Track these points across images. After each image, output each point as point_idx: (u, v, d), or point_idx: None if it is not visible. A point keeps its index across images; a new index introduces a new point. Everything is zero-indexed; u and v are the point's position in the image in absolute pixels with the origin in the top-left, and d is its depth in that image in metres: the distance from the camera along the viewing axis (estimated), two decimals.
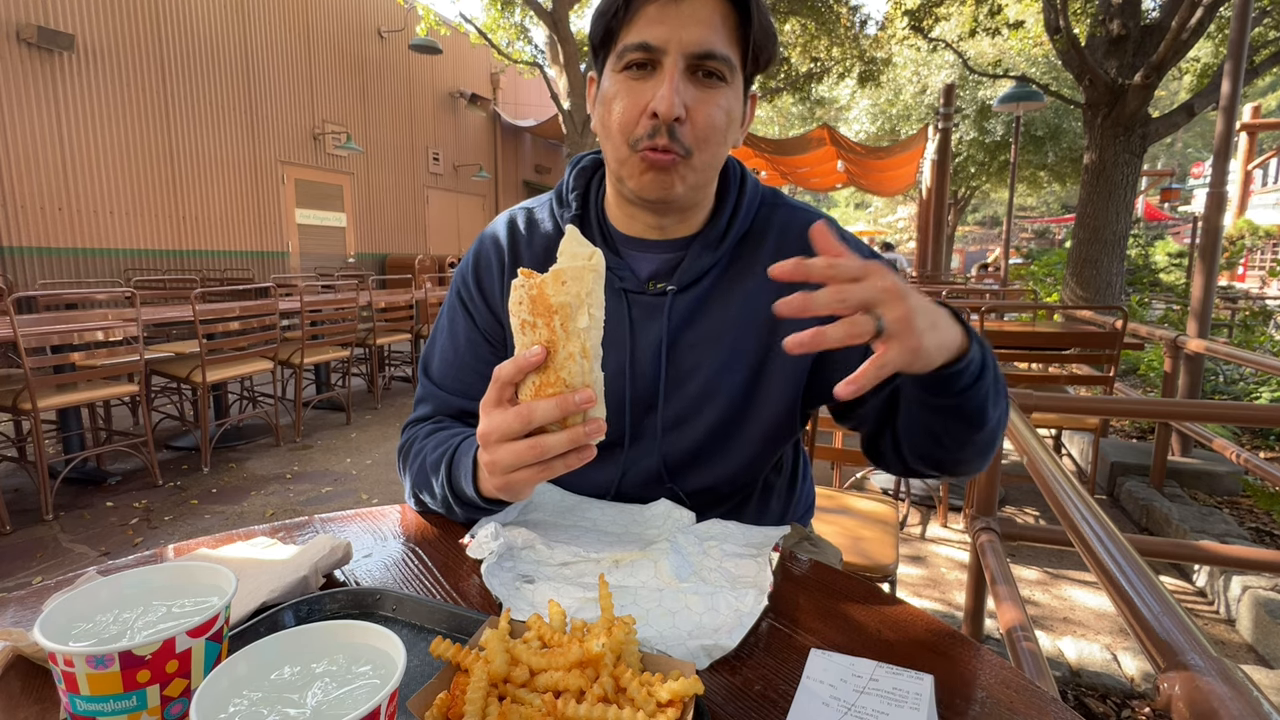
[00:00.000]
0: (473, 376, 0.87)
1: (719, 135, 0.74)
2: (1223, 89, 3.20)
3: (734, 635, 0.56)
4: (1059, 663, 1.90)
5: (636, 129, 0.72)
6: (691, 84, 0.71)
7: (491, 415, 0.57)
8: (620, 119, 0.73)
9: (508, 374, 0.55)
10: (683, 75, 0.71)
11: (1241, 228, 12.42)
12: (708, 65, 0.71)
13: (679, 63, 0.70)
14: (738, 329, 0.82)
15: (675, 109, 0.69)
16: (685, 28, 0.69)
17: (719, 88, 0.72)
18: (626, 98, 0.73)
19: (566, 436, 0.54)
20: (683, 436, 0.82)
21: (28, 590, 0.65)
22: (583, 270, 0.52)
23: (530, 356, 0.53)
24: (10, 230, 6.41)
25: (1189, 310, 3.48)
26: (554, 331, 0.53)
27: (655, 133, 0.71)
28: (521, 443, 0.55)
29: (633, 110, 0.72)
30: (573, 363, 0.53)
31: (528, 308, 0.53)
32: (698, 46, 0.70)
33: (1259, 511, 2.88)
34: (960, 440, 0.71)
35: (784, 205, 0.87)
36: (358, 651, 0.41)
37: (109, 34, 7.14)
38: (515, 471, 0.57)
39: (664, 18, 0.70)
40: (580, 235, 0.54)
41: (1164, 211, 20.60)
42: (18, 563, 2.54)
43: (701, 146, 0.73)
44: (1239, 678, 0.54)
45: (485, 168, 13.50)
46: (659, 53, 0.70)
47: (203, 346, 3.40)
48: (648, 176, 0.74)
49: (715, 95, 0.72)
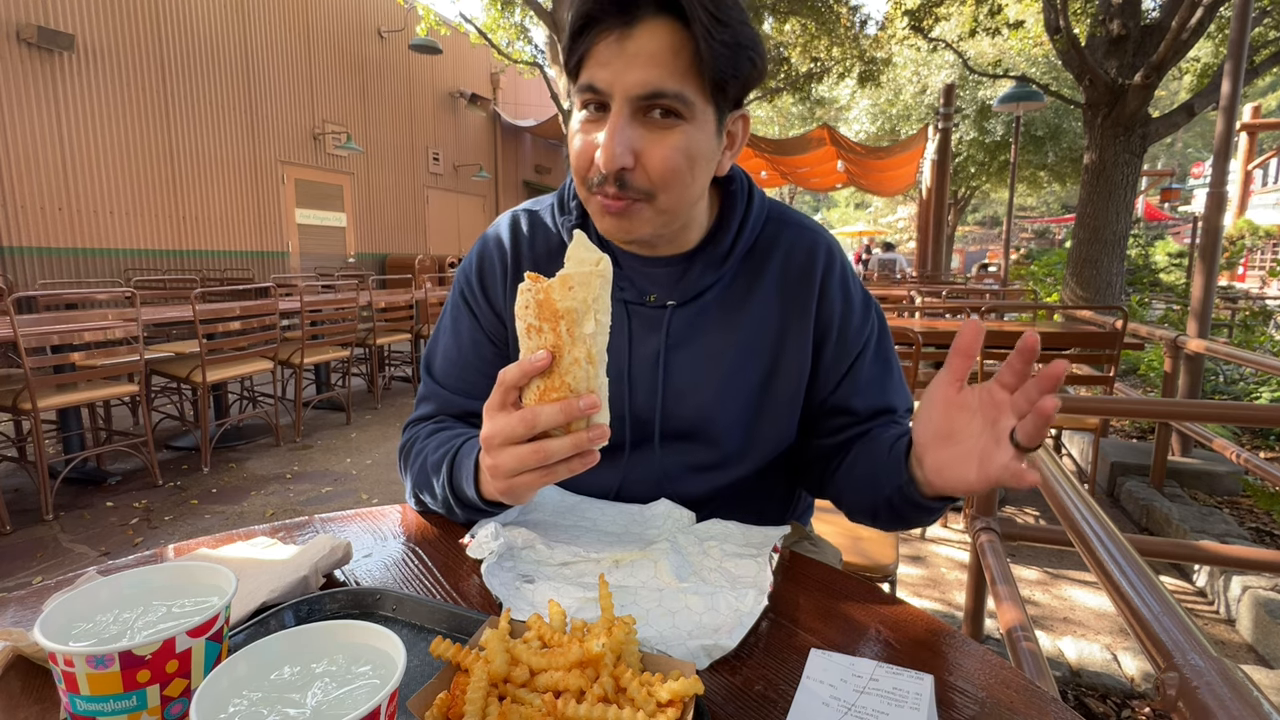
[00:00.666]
0: (475, 376, 0.87)
1: (680, 176, 0.69)
2: (1223, 89, 3.20)
3: (734, 635, 0.56)
4: (1059, 663, 1.90)
5: (589, 174, 0.71)
6: (642, 126, 0.68)
7: (495, 419, 0.57)
8: (575, 163, 0.72)
9: (512, 378, 0.55)
10: (629, 120, 0.67)
11: (1241, 228, 12.42)
12: (660, 104, 0.66)
13: (624, 108, 0.67)
14: (740, 347, 0.81)
15: (616, 160, 0.66)
16: (630, 69, 0.65)
17: (675, 127, 0.68)
18: (581, 139, 0.70)
19: (570, 441, 0.54)
20: (683, 450, 0.82)
21: (28, 590, 0.65)
22: (590, 276, 0.52)
23: (536, 361, 0.53)
24: (10, 230, 6.41)
25: (1189, 310, 3.48)
26: (560, 336, 0.53)
27: (604, 180, 0.69)
28: (525, 447, 0.55)
29: (583, 155, 0.70)
30: (578, 368, 0.53)
31: (534, 312, 0.53)
32: (642, 88, 0.65)
33: (1259, 511, 2.88)
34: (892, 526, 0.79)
35: (790, 224, 0.85)
36: (358, 651, 0.41)
37: (109, 34, 7.14)
38: (518, 476, 0.57)
39: (609, 58, 0.66)
40: (588, 241, 0.53)
41: (1164, 211, 20.60)
42: (18, 563, 2.54)
43: (663, 189, 0.69)
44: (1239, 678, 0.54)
45: (485, 168, 13.51)
46: (605, 96, 0.67)
47: (203, 346, 3.40)
48: (607, 220, 0.73)
49: (669, 136, 0.68)
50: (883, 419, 0.83)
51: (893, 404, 0.84)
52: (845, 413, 0.83)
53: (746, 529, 0.76)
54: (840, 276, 0.84)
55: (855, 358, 0.83)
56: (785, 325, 0.82)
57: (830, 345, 0.83)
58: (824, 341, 0.83)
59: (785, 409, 0.83)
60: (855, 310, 0.84)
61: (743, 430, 0.83)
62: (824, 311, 0.83)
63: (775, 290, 0.82)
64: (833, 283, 0.83)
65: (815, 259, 0.83)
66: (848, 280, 0.84)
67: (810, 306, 0.82)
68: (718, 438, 0.82)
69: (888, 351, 0.86)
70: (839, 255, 0.86)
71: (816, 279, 0.82)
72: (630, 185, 0.69)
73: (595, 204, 0.73)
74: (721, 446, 0.82)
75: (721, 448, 0.83)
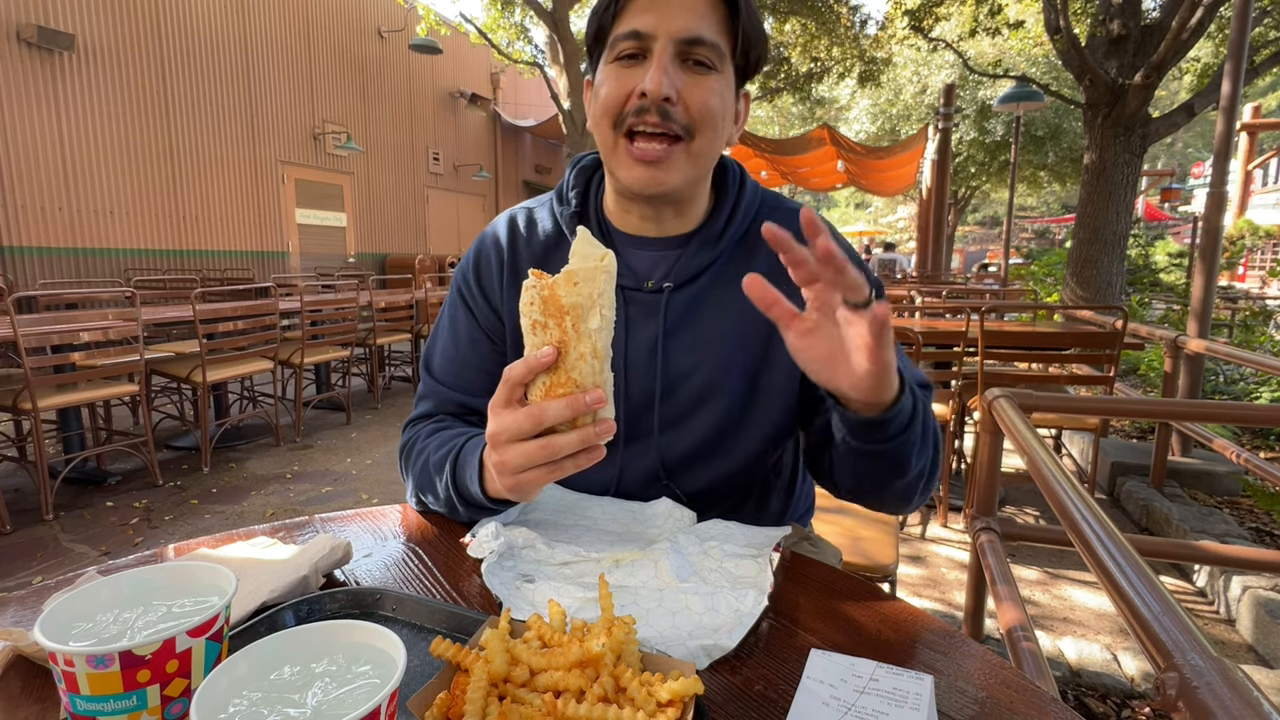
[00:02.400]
0: (474, 373, 0.88)
1: (714, 120, 0.74)
2: (1223, 89, 3.20)
3: (734, 635, 0.56)
4: (1059, 663, 1.90)
5: (625, 107, 0.73)
6: (682, 70, 0.72)
7: (501, 415, 0.57)
8: (606, 100, 0.74)
9: (518, 374, 0.55)
10: (672, 60, 0.72)
11: (1241, 228, 12.42)
12: (697, 53, 0.72)
13: (668, 48, 0.71)
14: (737, 331, 0.82)
15: (664, 88, 0.70)
16: (674, 15, 0.71)
17: (709, 74, 0.73)
18: (615, 82, 0.74)
19: (577, 436, 0.55)
20: (680, 437, 0.82)
21: (28, 590, 0.65)
22: (595, 271, 0.52)
23: (542, 357, 0.53)
24: (10, 230, 6.41)
25: (1189, 310, 3.47)
26: (565, 332, 0.53)
27: (644, 110, 0.72)
28: (532, 443, 0.55)
29: (620, 92, 0.73)
30: (584, 363, 0.53)
31: (539, 308, 0.54)
32: (686, 32, 0.71)
33: (1259, 511, 2.88)
34: (880, 484, 0.74)
35: (784, 209, 0.87)
36: (358, 651, 0.41)
37: (109, 34, 7.14)
38: (525, 472, 0.57)
39: (653, 6, 0.71)
40: (591, 237, 0.54)
41: (1164, 211, 20.60)
42: (18, 563, 2.54)
43: (700, 129, 0.73)
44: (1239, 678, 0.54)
45: (485, 168, 13.51)
46: (648, 39, 0.72)
47: (203, 346, 3.40)
48: (639, 170, 0.74)
49: (707, 80, 0.73)
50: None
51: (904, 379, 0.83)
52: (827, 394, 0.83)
53: (747, 529, 0.76)
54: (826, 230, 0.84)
55: None
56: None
57: None
58: None
59: (780, 394, 0.83)
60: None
61: (739, 416, 0.83)
62: None
63: (769, 273, 0.82)
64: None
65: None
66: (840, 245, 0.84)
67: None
68: (715, 424, 0.82)
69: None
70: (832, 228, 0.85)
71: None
72: (672, 117, 0.72)
73: (624, 155, 0.75)
74: (719, 433, 0.82)
75: (719, 434, 0.82)
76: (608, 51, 0.75)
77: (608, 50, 0.75)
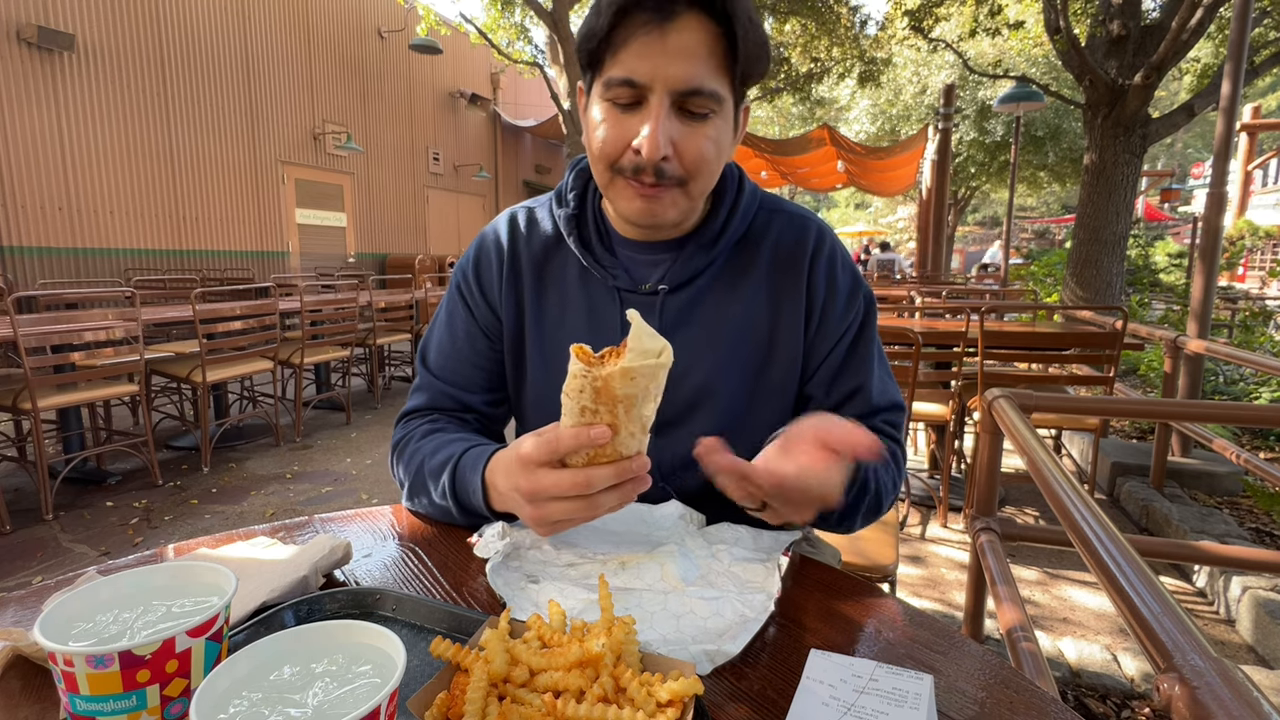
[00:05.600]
0: (469, 369, 0.89)
1: (709, 166, 0.73)
2: (1223, 89, 3.20)
3: (738, 641, 0.56)
4: (1059, 663, 1.90)
5: (621, 160, 0.72)
6: (678, 119, 0.70)
7: (541, 476, 0.58)
8: (602, 148, 0.72)
9: (567, 447, 0.55)
10: (669, 112, 0.69)
11: (1241, 228, 12.41)
12: (694, 104, 0.69)
13: (664, 100, 0.68)
14: (734, 334, 0.82)
15: (660, 150, 0.68)
16: (671, 63, 0.67)
17: (708, 120, 0.71)
18: (612, 128, 0.71)
19: (617, 497, 0.57)
20: (676, 440, 0.82)
21: (28, 590, 0.65)
22: (655, 369, 0.51)
23: (595, 438, 0.54)
24: (10, 230, 6.41)
25: (1189, 311, 3.48)
26: (616, 416, 0.53)
27: (640, 169, 0.70)
28: (576, 502, 0.57)
29: (617, 142, 0.71)
30: (632, 439, 0.55)
31: (590, 397, 0.53)
32: (684, 84, 0.67)
33: (1259, 511, 2.88)
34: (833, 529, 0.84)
35: (783, 212, 0.86)
36: (358, 651, 0.41)
37: (109, 34, 7.14)
38: (561, 521, 0.59)
39: (649, 52, 0.67)
40: (648, 326, 0.51)
41: (1164, 212, 20.59)
42: (18, 563, 2.54)
43: (694, 177, 0.73)
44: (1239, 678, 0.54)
45: (485, 168, 13.51)
46: (644, 89, 0.68)
47: (203, 346, 3.40)
48: (637, 203, 0.74)
49: (703, 129, 0.71)
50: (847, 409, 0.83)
51: (870, 399, 0.84)
52: (815, 401, 0.84)
53: (757, 533, 0.75)
54: (828, 261, 0.84)
55: (834, 345, 0.84)
56: (778, 310, 0.83)
57: (814, 329, 0.84)
58: (809, 324, 0.84)
59: (778, 395, 0.84)
60: (840, 296, 0.84)
61: (736, 418, 0.83)
62: (811, 294, 0.83)
63: (766, 276, 0.83)
64: (819, 266, 0.83)
65: (804, 243, 0.84)
66: (835, 265, 0.84)
67: (801, 289, 0.83)
68: (711, 426, 0.82)
69: (869, 345, 0.86)
70: (829, 240, 0.85)
71: (805, 262, 0.83)
72: (667, 174, 0.71)
73: (623, 188, 0.74)
74: (716, 435, 0.82)
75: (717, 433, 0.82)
76: (602, 88, 0.71)
77: (602, 86, 0.71)
